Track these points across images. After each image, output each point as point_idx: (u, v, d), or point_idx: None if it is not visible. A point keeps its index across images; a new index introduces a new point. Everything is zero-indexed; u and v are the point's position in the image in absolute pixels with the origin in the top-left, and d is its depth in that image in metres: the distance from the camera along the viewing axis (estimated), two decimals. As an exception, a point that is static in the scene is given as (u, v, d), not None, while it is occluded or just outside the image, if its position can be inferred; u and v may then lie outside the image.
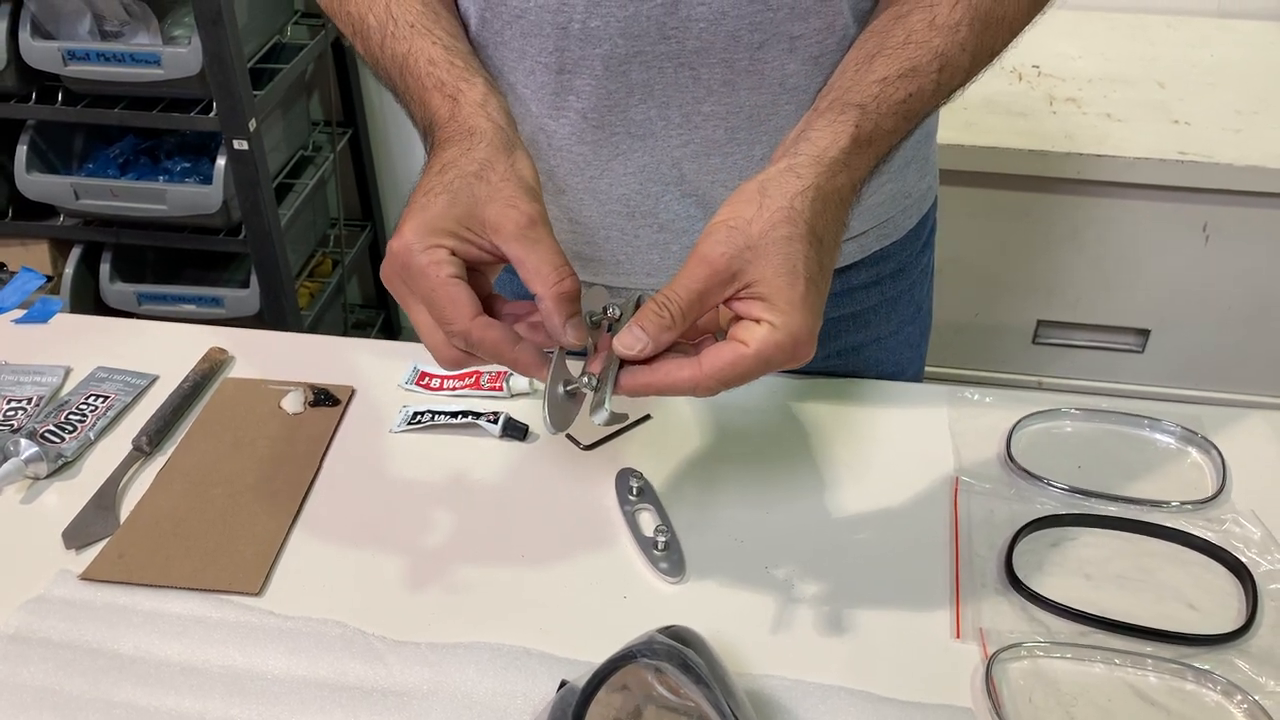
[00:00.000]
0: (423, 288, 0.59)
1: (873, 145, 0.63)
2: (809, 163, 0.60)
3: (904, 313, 0.94)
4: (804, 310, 0.57)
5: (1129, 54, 1.68)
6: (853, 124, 0.62)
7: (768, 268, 0.57)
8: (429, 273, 0.58)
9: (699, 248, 0.58)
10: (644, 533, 0.72)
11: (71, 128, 1.88)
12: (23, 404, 0.83)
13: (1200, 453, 0.79)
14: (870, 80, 0.64)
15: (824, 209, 0.59)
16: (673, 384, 0.58)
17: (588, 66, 0.72)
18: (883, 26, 0.67)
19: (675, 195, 0.79)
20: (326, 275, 2.17)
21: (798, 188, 0.59)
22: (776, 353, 0.57)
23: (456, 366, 0.61)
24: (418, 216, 0.59)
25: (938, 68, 0.64)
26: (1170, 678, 0.63)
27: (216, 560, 0.71)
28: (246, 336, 0.92)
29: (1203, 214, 1.48)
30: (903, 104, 0.64)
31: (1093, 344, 1.64)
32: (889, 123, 0.63)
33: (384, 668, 0.64)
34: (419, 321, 0.60)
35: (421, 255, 0.58)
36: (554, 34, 0.72)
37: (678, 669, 0.52)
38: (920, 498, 0.76)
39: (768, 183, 0.60)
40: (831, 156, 0.61)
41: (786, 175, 0.60)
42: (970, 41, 0.65)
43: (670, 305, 0.58)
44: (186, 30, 1.72)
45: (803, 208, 0.58)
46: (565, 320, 0.59)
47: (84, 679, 0.63)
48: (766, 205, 0.58)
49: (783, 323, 0.57)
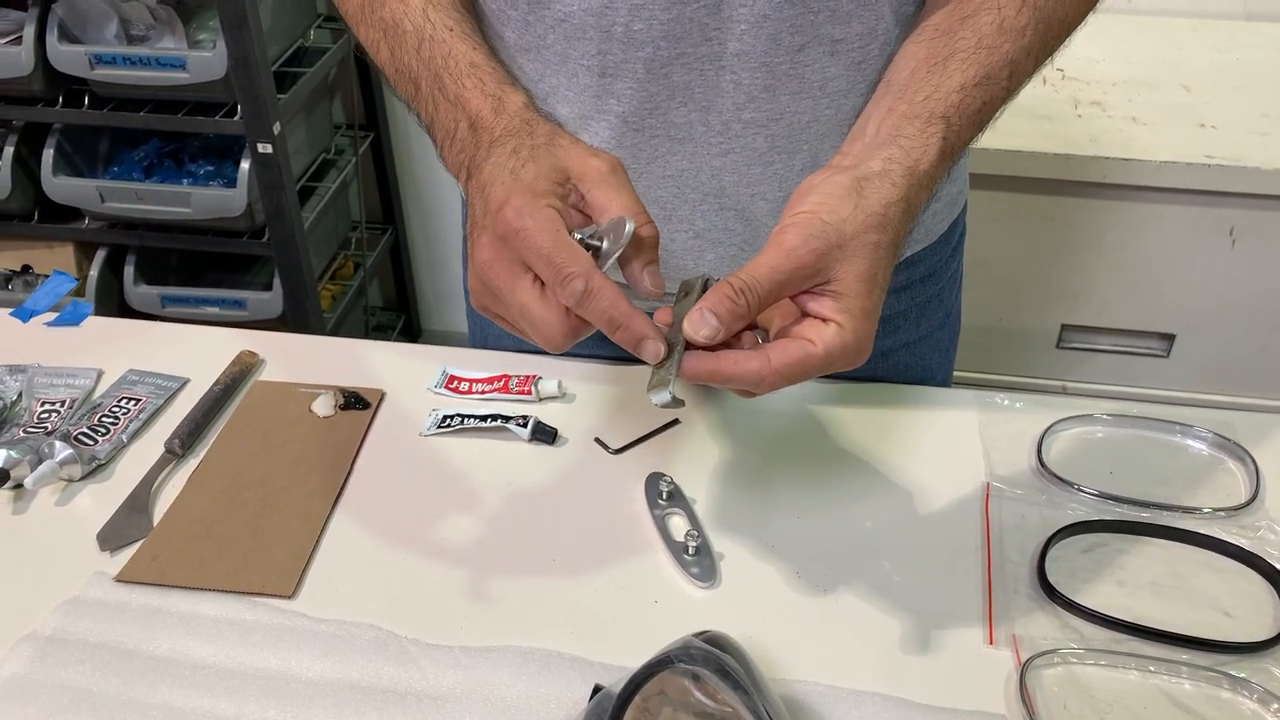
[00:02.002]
0: (539, 245, 0.56)
1: (953, 155, 0.63)
2: (903, 173, 0.60)
3: (933, 318, 0.93)
4: (872, 318, 0.57)
5: (1154, 57, 1.68)
6: (940, 137, 0.62)
7: (851, 270, 0.57)
8: (547, 229, 0.56)
9: (785, 236, 0.57)
10: (674, 537, 0.72)
11: (97, 131, 1.90)
12: (56, 406, 0.83)
13: (1233, 459, 0.79)
14: (950, 89, 0.64)
15: (907, 221, 0.60)
16: (739, 374, 0.57)
17: (629, 69, 0.73)
18: (948, 26, 0.67)
19: (714, 207, 0.79)
20: (348, 278, 2.18)
21: (893, 197, 0.59)
22: (841, 355, 0.57)
23: (568, 341, 0.58)
24: (519, 187, 0.58)
25: (1008, 75, 0.65)
26: (1206, 685, 0.63)
27: (250, 563, 0.71)
28: (275, 339, 0.93)
29: (1229, 218, 1.47)
30: (978, 113, 0.64)
31: (1117, 348, 1.64)
32: (968, 133, 0.64)
33: (417, 671, 0.64)
34: (525, 301, 0.57)
35: (538, 214, 0.57)
36: (597, 37, 0.72)
37: (715, 674, 0.52)
38: (951, 503, 0.75)
39: (865, 183, 0.59)
40: (923, 170, 0.61)
41: (883, 181, 0.60)
42: (1035, 45, 0.66)
43: (748, 292, 0.56)
44: (211, 34, 1.73)
45: (895, 217, 0.58)
46: (644, 266, 0.59)
47: (120, 680, 0.63)
48: (862, 207, 0.58)
49: (852, 327, 0.56)
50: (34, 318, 0.95)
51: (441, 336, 2.46)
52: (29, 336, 0.93)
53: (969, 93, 0.64)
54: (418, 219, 2.31)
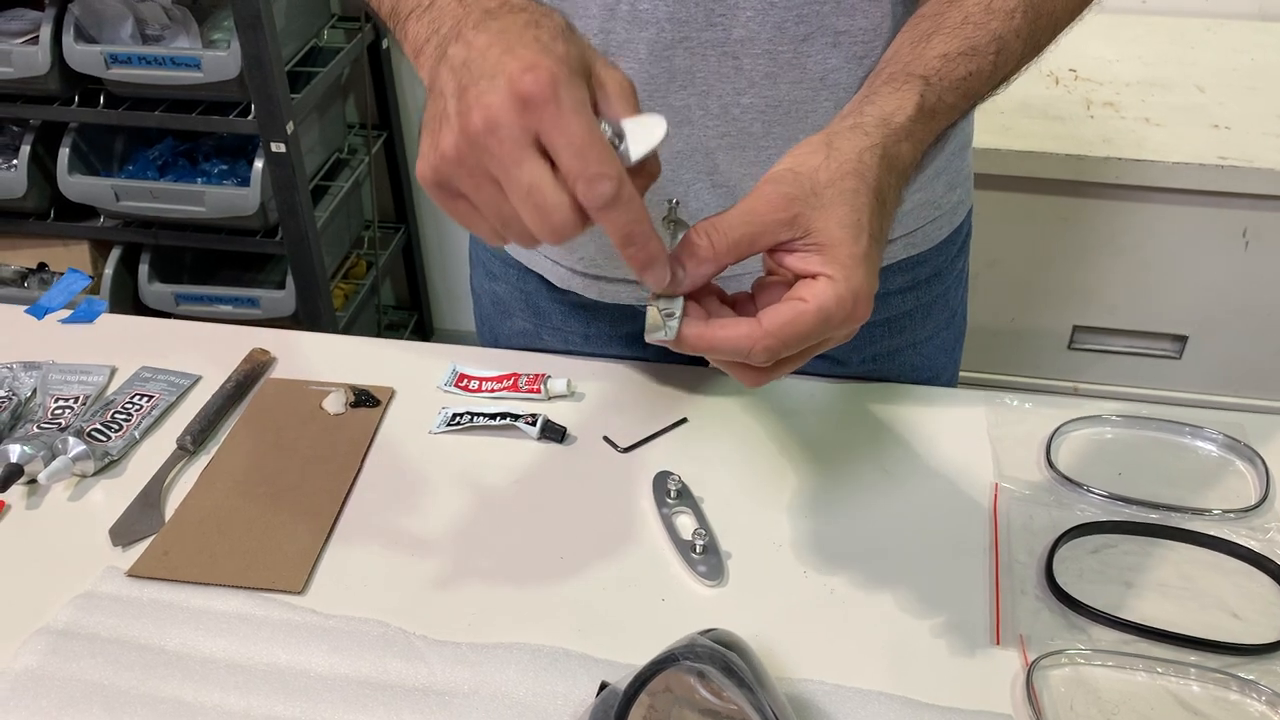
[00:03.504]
0: (572, 128, 0.49)
1: (935, 118, 0.61)
2: (876, 123, 0.58)
3: (939, 318, 0.93)
4: (866, 267, 0.54)
5: (1167, 57, 1.67)
6: (917, 93, 0.60)
7: (831, 219, 0.54)
8: (584, 112, 0.50)
9: (758, 188, 0.55)
10: (682, 535, 0.73)
11: (112, 130, 1.91)
12: (70, 403, 0.84)
13: (1243, 461, 0.79)
14: (931, 55, 0.63)
15: (888, 170, 0.58)
16: (730, 338, 0.54)
17: (632, 50, 0.72)
18: (936, 9, 0.66)
19: (706, 185, 0.79)
20: (360, 277, 2.19)
21: (866, 144, 0.57)
22: (837, 308, 0.53)
23: (572, 233, 0.51)
24: (552, 57, 0.50)
25: (995, 50, 0.64)
26: (1214, 687, 0.63)
27: (260, 559, 0.72)
28: (286, 337, 0.93)
29: (1242, 219, 1.47)
30: (963, 81, 0.63)
31: (1129, 350, 1.63)
32: (950, 97, 0.62)
33: (425, 667, 0.64)
34: (536, 178, 0.50)
35: (574, 92, 0.50)
36: (600, 15, 0.72)
37: (721, 672, 0.52)
38: (959, 503, 0.75)
39: (834, 136, 0.58)
40: (898, 122, 0.59)
41: (854, 132, 0.58)
42: (1024, 29, 0.65)
43: (713, 233, 0.53)
44: (225, 34, 1.74)
45: (871, 163, 0.56)
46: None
47: (131, 674, 0.64)
48: (834, 156, 0.56)
49: (843, 276, 0.53)
50: (48, 315, 0.96)
51: (453, 335, 2.46)
52: (43, 333, 0.94)
53: (952, 60, 0.63)
54: (430, 218, 2.32)
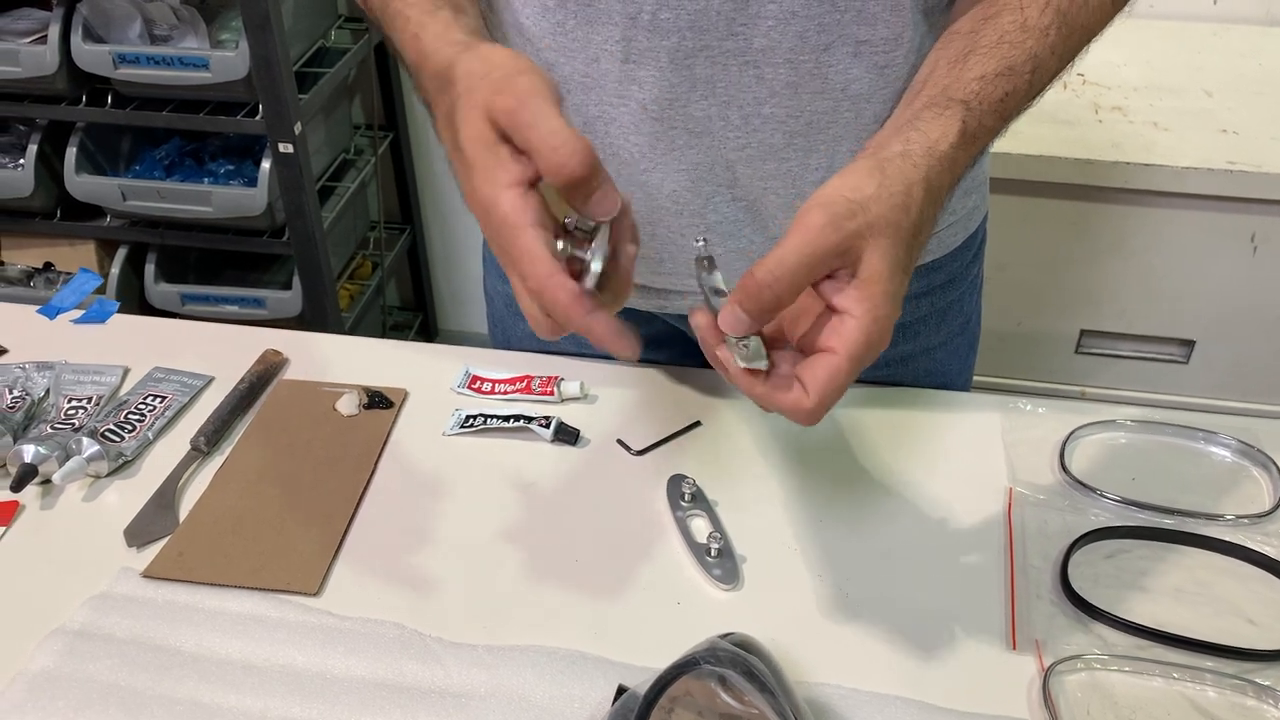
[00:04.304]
0: (505, 239, 0.55)
1: (975, 143, 0.62)
2: (923, 153, 0.59)
3: (953, 324, 0.93)
4: (894, 303, 0.55)
5: (1175, 62, 1.67)
6: (959, 119, 0.61)
7: (875, 253, 0.55)
8: (509, 221, 0.55)
9: (810, 217, 0.55)
10: (696, 539, 0.73)
11: (120, 130, 1.91)
12: (83, 403, 0.84)
13: (1256, 466, 0.79)
14: (969, 78, 0.63)
15: (930, 204, 0.59)
16: (780, 406, 0.57)
17: (653, 58, 0.72)
18: (971, 28, 0.67)
19: (726, 199, 0.79)
20: (366, 277, 2.19)
21: (915, 177, 0.58)
22: (867, 351, 0.55)
23: (552, 334, 0.58)
24: (471, 169, 0.56)
25: (1031, 69, 0.64)
26: (1230, 693, 0.63)
27: (275, 560, 0.72)
28: (298, 338, 0.93)
29: (1251, 224, 1.47)
30: (1001, 103, 0.63)
31: (1137, 354, 1.63)
32: (989, 120, 0.63)
33: (441, 669, 0.64)
34: (515, 288, 0.57)
35: (503, 202, 0.55)
36: (622, 23, 0.72)
37: (742, 677, 0.52)
38: (974, 507, 0.75)
39: (886, 164, 0.58)
40: (942, 150, 0.59)
41: (904, 161, 0.58)
42: (1059, 45, 0.66)
43: (776, 284, 0.54)
44: (233, 34, 1.74)
45: (918, 197, 0.57)
46: (593, 193, 0.55)
47: (147, 675, 0.64)
48: (885, 186, 0.56)
49: (872, 317, 0.55)
50: (60, 315, 0.96)
51: (459, 336, 2.46)
52: (56, 334, 0.94)
53: (990, 82, 0.63)
54: (436, 219, 2.32)
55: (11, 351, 0.91)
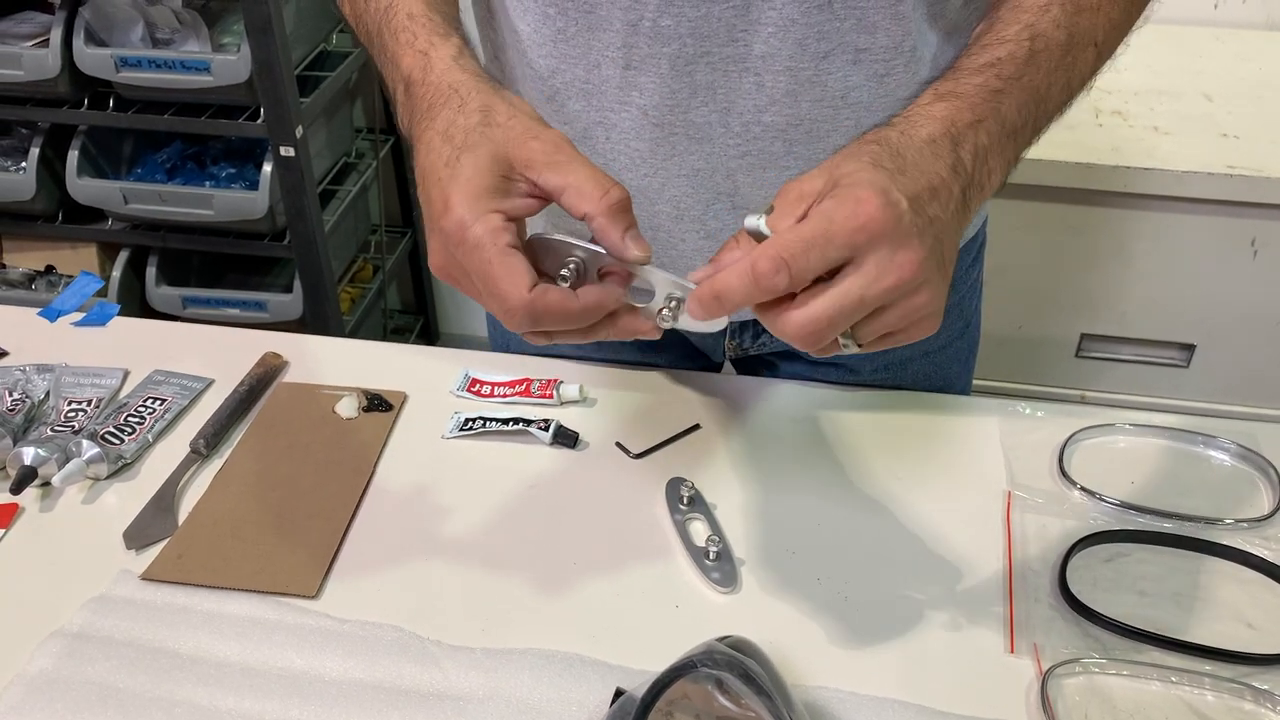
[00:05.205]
0: (478, 263, 0.55)
1: (959, 99, 0.61)
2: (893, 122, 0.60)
3: (953, 327, 0.93)
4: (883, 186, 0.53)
5: (1176, 66, 1.67)
6: (930, 88, 0.62)
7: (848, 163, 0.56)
8: (485, 244, 0.55)
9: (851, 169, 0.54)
10: (695, 542, 0.73)
11: (121, 133, 1.91)
12: (83, 405, 0.84)
13: (1256, 471, 0.79)
14: (952, 61, 0.65)
15: (907, 131, 0.58)
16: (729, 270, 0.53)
17: (654, 64, 0.73)
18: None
19: (726, 205, 0.79)
20: (367, 281, 2.19)
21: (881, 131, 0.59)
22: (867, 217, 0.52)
23: (536, 341, 0.59)
24: (457, 187, 0.56)
25: (1029, 36, 0.64)
26: (1229, 697, 0.63)
27: (273, 563, 0.72)
28: (298, 341, 0.93)
29: (1251, 228, 1.47)
30: (990, 66, 0.62)
31: (1137, 358, 1.63)
32: (973, 79, 0.62)
33: (440, 672, 0.64)
34: (487, 304, 0.57)
35: (477, 226, 0.55)
36: (623, 29, 0.72)
37: (739, 680, 0.52)
38: (972, 511, 0.75)
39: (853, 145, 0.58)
40: (913, 106, 0.61)
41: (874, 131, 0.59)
42: (1064, 20, 0.65)
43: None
44: (235, 38, 1.75)
45: (887, 135, 0.58)
46: (624, 233, 0.56)
47: (146, 677, 0.64)
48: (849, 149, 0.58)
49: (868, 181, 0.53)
50: (61, 318, 0.96)
51: (459, 340, 2.47)
52: (56, 336, 0.94)
53: (971, 53, 0.64)
54: (437, 223, 2.32)
55: (12, 354, 0.91)
